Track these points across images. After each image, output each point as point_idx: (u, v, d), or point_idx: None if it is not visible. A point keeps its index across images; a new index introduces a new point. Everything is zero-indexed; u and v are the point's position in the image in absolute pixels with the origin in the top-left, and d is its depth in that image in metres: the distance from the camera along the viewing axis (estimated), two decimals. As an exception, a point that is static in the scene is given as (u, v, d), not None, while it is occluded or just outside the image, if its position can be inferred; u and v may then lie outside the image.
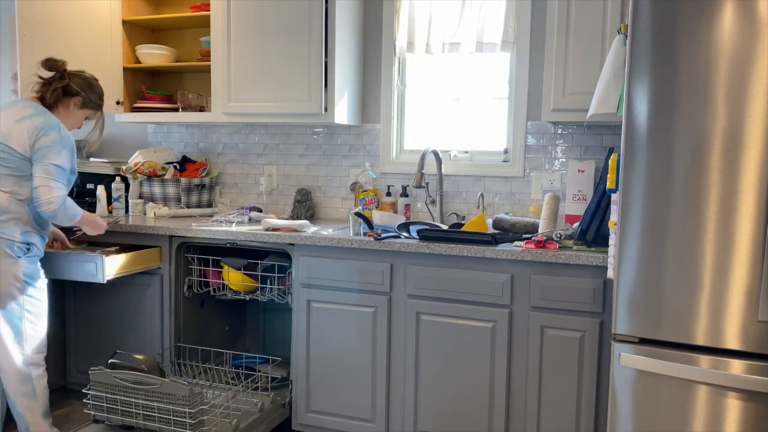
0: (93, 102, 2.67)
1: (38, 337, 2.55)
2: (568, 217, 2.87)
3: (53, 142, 2.46)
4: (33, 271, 2.52)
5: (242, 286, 2.99)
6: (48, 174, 2.44)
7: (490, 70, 3.17)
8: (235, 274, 2.96)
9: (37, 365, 2.56)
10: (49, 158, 2.44)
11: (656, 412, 1.94)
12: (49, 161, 2.44)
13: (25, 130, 2.45)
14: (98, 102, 2.70)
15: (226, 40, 3.11)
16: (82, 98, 2.62)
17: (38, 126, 2.45)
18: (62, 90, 2.59)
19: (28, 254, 2.49)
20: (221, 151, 3.64)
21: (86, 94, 2.63)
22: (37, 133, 2.44)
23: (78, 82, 2.61)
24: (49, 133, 2.46)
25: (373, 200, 3.21)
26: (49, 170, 2.44)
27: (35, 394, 2.54)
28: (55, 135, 2.47)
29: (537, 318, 2.42)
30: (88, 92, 2.63)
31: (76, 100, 2.62)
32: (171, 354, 3.03)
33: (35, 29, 2.93)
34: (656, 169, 1.88)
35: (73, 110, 2.63)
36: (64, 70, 2.61)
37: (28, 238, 2.49)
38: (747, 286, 1.81)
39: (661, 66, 1.85)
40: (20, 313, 2.48)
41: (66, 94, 2.60)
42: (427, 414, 2.61)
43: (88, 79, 2.66)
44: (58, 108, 2.60)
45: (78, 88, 2.60)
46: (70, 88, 2.59)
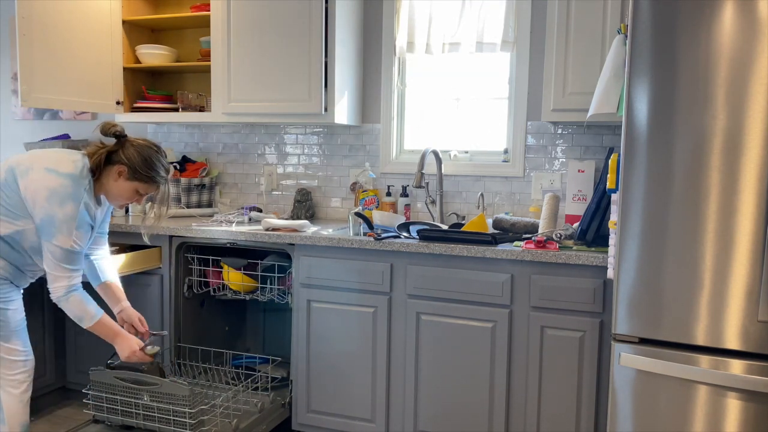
0: (143, 175, 2.28)
1: (10, 358, 2.27)
2: (568, 217, 2.87)
3: (67, 219, 2.15)
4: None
5: (242, 286, 2.99)
6: (56, 258, 2.18)
7: (490, 70, 3.17)
8: (235, 274, 2.96)
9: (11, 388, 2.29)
10: (59, 239, 2.15)
11: (656, 412, 1.94)
12: (58, 243, 2.16)
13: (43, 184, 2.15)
14: (149, 174, 2.29)
15: (226, 40, 3.11)
16: (127, 169, 2.26)
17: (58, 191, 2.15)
18: (106, 157, 2.26)
19: None
20: (221, 151, 3.64)
21: (134, 165, 2.26)
22: (52, 198, 2.15)
23: (130, 151, 2.27)
24: (65, 205, 2.15)
25: (373, 200, 3.21)
26: (57, 254, 2.17)
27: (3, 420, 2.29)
28: (71, 209, 2.16)
29: (537, 318, 2.42)
30: (137, 164, 2.26)
31: (120, 169, 2.27)
32: (171, 354, 3.03)
33: (35, 29, 2.93)
34: (656, 169, 1.88)
35: (120, 181, 2.28)
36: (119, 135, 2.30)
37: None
38: (747, 286, 1.81)
39: (661, 66, 1.85)
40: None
41: (109, 162, 2.27)
42: (427, 414, 2.61)
43: (144, 148, 2.30)
44: (101, 176, 2.28)
45: (125, 157, 2.26)
46: (116, 155, 2.27)
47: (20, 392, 2.33)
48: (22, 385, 2.33)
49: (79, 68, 3.13)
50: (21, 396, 2.33)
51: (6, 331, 2.28)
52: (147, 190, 2.34)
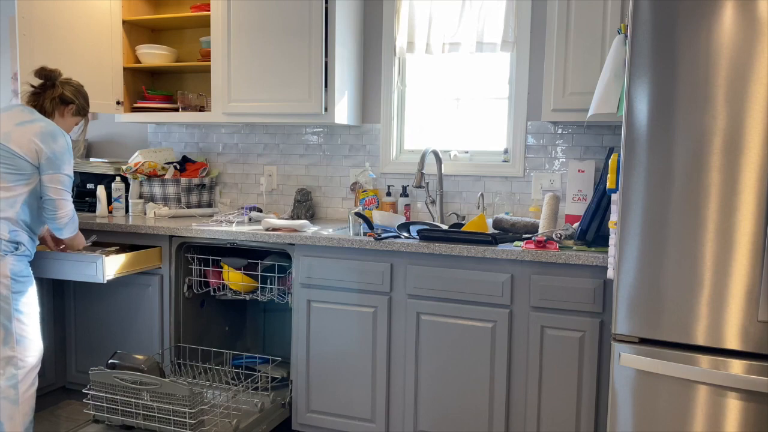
0: (84, 109, 2.72)
1: (29, 338, 2.46)
2: (568, 217, 2.87)
3: (63, 150, 2.48)
4: (21, 270, 2.46)
5: (242, 286, 2.98)
6: (62, 185, 2.48)
7: (490, 70, 3.17)
8: (236, 274, 2.95)
9: (25, 369, 2.45)
10: (61, 167, 2.48)
11: (656, 412, 1.94)
12: (61, 171, 2.47)
13: (29, 134, 2.44)
14: (87, 108, 2.75)
15: (226, 40, 3.11)
16: (76, 106, 2.66)
17: (45, 131, 2.46)
18: (59, 98, 2.62)
19: (16, 252, 2.44)
20: (221, 151, 3.64)
21: (78, 101, 2.67)
22: (45, 138, 2.45)
23: (71, 90, 2.65)
24: (57, 140, 2.47)
25: (373, 200, 3.21)
26: (63, 181, 2.48)
27: (17, 400, 2.42)
28: (63, 142, 2.49)
29: (537, 318, 2.42)
30: (80, 99, 2.68)
31: (70, 107, 2.65)
32: (171, 354, 3.03)
33: (35, 29, 2.93)
34: (656, 169, 1.88)
35: (68, 117, 2.67)
36: (57, 79, 2.63)
37: (16, 237, 2.45)
38: (747, 286, 1.81)
39: (661, 66, 1.85)
40: (9, 312, 2.41)
41: (62, 102, 2.63)
42: (427, 414, 2.61)
43: (78, 86, 2.70)
44: (54, 115, 2.62)
45: (72, 96, 2.64)
46: (65, 96, 2.63)
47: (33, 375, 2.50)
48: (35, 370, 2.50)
49: (79, 68, 3.13)
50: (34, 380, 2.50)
51: (31, 309, 2.51)
52: (81, 121, 2.76)
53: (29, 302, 2.49)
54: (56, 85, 2.62)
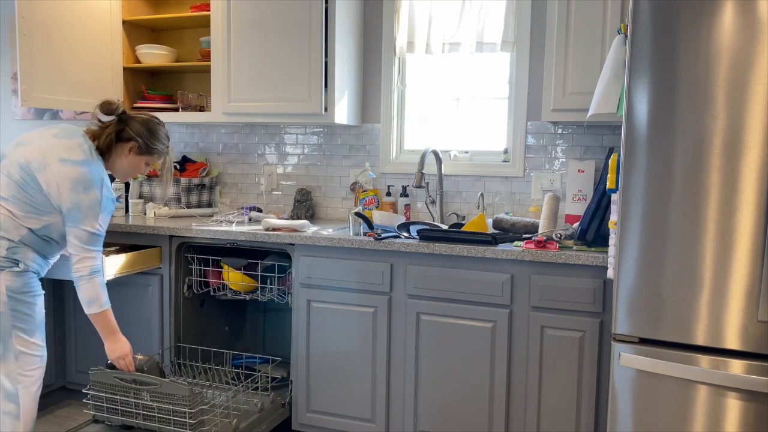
0: (150, 148, 2.43)
1: (30, 353, 2.32)
2: (568, 217, 2.87)
3: (93, 204, 2.27)
4: (20, 286, 2.27)
5: (242, 286, 2.98)
6: (82, 241, 2.29)
7: (490, 70, 3.17)
8: (235, 274, 2.95)
9: (25, 384, 2.32)
10: (86, 224, 2.27)
11: (656, 412, 1.94)
12: (84, 227, 2.27)
13: (64, 176, 2.24)
14: (158, 147, 2.46)
15: (226, 40, 3.11)
16: (138, 144, 2.40)
17: (81, 179, 2.25)
18: (116, 135, 2.38)
19: (14, 269, 2.26)
20: (221, 151, 3.64)
21: (143, 139, 2.41)
22: (76, 186, 2.24)
23: (136, 126, 2.40)
24: (89, 191, 2.26)
25: (373, 200, 3.21)
26: (83, 238, 2.28)
27: (18, 414, 2.31)
28: (95, 195, 2.27)
29: (537, 318, 2.42)
30: (146, 137, 2.41)
31: (131, 145, 2.40)
32: (171, 354, 3.03)
33: (35, 29, 2.93)
34: (656, 169, 1.88)
35: (130, 157, 2.42)
36: (121, 113, 2.41)
37: (15, 255, 2.26)
38: (747, 286, 1.81)
39: (661, 66, 1.85)
40: (8, 328, 2.26)
41: (118, 140, 2.39)
42: (427, 414, 2.61)
43: (147, 121, 2.44)
44: (111, 154, 2.40)
45: (134, 133, 2.39)
46: (125, 133, 2.38)
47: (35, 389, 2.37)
48: (37, 382, 2.38)
49: (79, 68, 3.13)
50: (35, 393, 2.37)
51: (32, 326, 2.33)
52: (154, 161, 2.50)
53: (31, 319, 2.31)
54: (121, 119, 2.39)
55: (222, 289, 3.07)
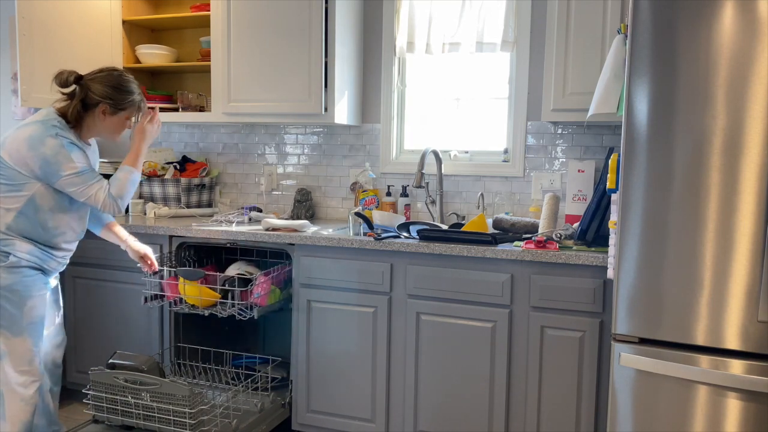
0: (123, 103, 2.34)
1: (16, 354, 2.26)
2: (568, 217, 2.87)
3: (56, 151, 2.20)
4: (12, 283, 2.23)
5: (200, 300, 2.72)
6: (75, 185, 2.24)
7: (490, 70, 3.17)
8: (192, 288, 2.68)
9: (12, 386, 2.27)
10: (64, 170, 2.21)
11: (656, 412, 1.94)
12: (66, 174, 2.21)
13: (19, 140, 2.21)
14: (128, 100, 2.35)
15: (226, 40, 3.11)
16: (107, 104, 2.32)
17: (34, 136, 2.20)
18: (81, 104, 2.30)
19: (5, 263, 2.22)
20: (221, 151, 3.64)
21: (110, 99, 2.31)
22: (33, 144, 2.19)
23: (98, 89, 2.30)
24: (45, 141, 2.19)
25: (373, 200, 3.21)
26: (74, 182, 2.24)
27: (4, 416, 2.27)
28: (53, 142, 2.20)
29: (537, 318, 2.42)
30: (111, 96, 2.31)
31: (102, 108, 2.32)
32: (171, 354, 3.03)
33: (35, 29, 2.93)
34: (656, 169, 1.88)
35: (106, 119, 2.35)
36: (77, 80, 2.32)
37: (5, 247, 2.22)
38: (747, 286, 1.81)
39: (661, 66, 1.85)
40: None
41: (88, 107, 2.31)
42: (427, 414, 2.61)
43: (107, 78, 2.33)
44: (86, 122, 2.34)
45: (99, 95, 2.30)
46: (89, 98, 2.30)
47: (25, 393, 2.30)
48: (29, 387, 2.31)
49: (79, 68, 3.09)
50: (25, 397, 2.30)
51: (18, 326, 2.26)
52: (133, 114, 2.42)
53: (16, 318, 2.25)
54: (82, 86, 2.30)
55: (180, 303, 2.80)
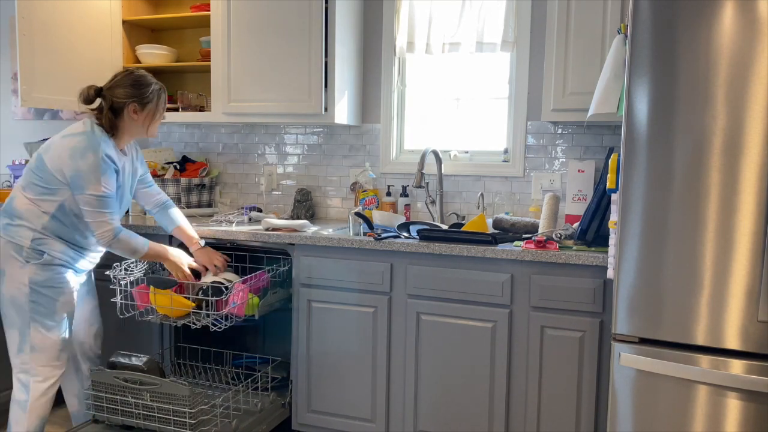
0: (147, 97, 2.45)
1: (45, 348, 2.38)
2: (568, 217, 2.87)
3: (92, 168, 2.30)
4: (46, 279, 2.36)
5: (171, 310, 2.60)
6: (89, 206, 2.33)
7: (490, 70, 3.17)
8: (163, 297, 2.57)
9: (38, 378, 2.39)
10: (90, 188, 2.31)
11: (656, 412, 1.94)
12: (90, 192, 2.31)
13: (63, 148, 2.32)
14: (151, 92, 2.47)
15: (226, 40, 3.11)
16: (134, 103, 2.42)
17: (77, 147, 2.31)
18: (111, 111, 2.41)
19: (40, 261, 2.35)
20: (221, 151, 3.64)
21: (135, 98, 2.42)
22: (74, 155, 2.30)
23: (120, 92, 2.41)
24: (85, 157, 2.30)
25: (373, 200, 3.21)
26: (89, 201, 2.32)
27: (26, 407, 2.38)
28: (92, 158, 2.30)
29: (537, 318, 2.42)
30: (135, 95, 2.42)
31: (131, 108, 2.43)
32: (171, 354, 3.03)
33: (35, 29, 2.93)
34: (656, 169, 1.88)
35: (139, 116, 2.45)
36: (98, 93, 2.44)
37: (40, 245, 2.35)
38: (747, 286, 1.81)
39: (661, 66, 1.85)
40: (26, 319, 2.35)
41: (118, 112, 2.42)
42: (427, 414, 2.61)
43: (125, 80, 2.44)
44: (122, 126, 2.44)
45: (124, 97, 2.41)
46: (116, 104, 2.41)
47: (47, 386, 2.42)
48: (49, 379, 2.42)
49: (79, 68, 3.13)
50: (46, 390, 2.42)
51: (50, 321, 2.39)
52: (160, 104, 2.53)
53: (50, 313, 2.38)
54: (105, 96, 2.42)
55: (150, 313, 2.67)
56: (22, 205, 2.37)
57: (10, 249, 2.35)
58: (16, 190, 2.41)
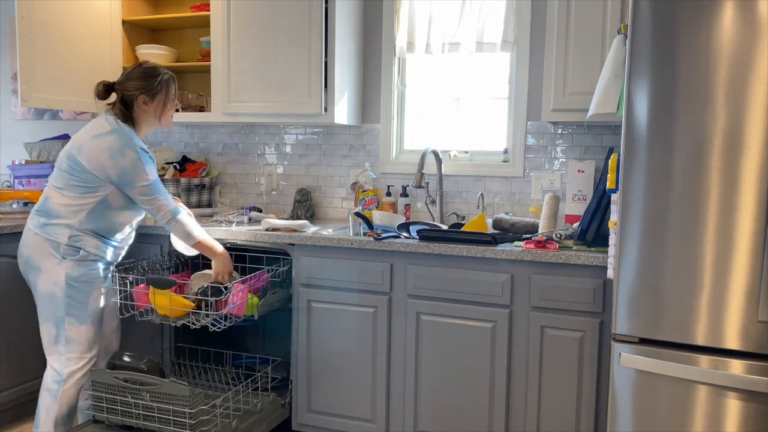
0: (156, 87, 2.51)
1: (79, 341, 2.48)
2: (568, 217, 2.87)
3: (134, 163, 2.41)
4: (81, 274, 2.46)
5: (171, 310, 2.59)
6: (145, 196, 2.46)
7: (490, 70, 3.17)
8: (163, 297, 2.57)
9: (70, 369, 2.48)
10: (139, 181, 2.42)
11: (656, 412, 1.94)
12: (140, 185, 2.43)
13: (99, 149, 2.39)
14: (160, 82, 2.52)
15: (226, 40, 3.11)
16: (144, 95, 2.49)
17: (114, 147, 2.39)
18: (123, 104, 2.50)
19: (76, 257, 2.44)
20: (221, 151, 3.64)
21: (145, 90, 2.49)
22: (114, 154, 2.39)
23: (131, 85, 2.49)
24: (125, 154, 2.40)
25: (373, 200, 3.21)
26: (144, 192, 2.45)
27: (57, 397, 2.48)
28: (131, 155, 2.41)
29: (537, 318, 2.42)
30: (144, 87, 2.49)
31: (141, 100, 2.50)
32: (171, 354, 3.03)
33: (35, 29, 2.93)
34: (656, 169, 1.88)
35: (150, 107, 2.52)
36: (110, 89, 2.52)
37: (77, 242, 2.44)
38: (747, 286, 1.81)
39: (661, 66, 1.85)
40: (61, 314, 2.45)
41: (130, 105, 2.50)
42: (427, 414, 2.61)
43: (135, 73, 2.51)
44: (136, 118, 2.52)
45: (134, 90, 2.48)
46: (127, 97, 2.49)
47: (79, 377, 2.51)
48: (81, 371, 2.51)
49: (79, 68, 3.13)
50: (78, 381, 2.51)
51: (84, 314, 2.49)
52: (170, 93, 2.58)
53: (84, 306, 2.48)
54: (116, 90, 2.51)
55: (150, 313, 2.65)
56: (59, 204, 2.44)
57: (48, 246, 2.44)
58: (51, 191, 2.48)
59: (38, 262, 2.46)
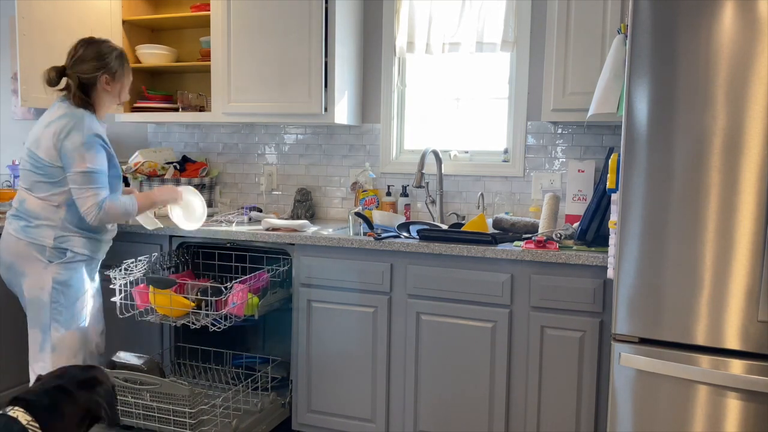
0: (111, 64, 2.42)
1: (65, 346, 2.41)
2: (568, 217, 2.87)
3: (76, 146, 2.29)
4: (67, 279, 2.39)
5: (171, 310, 2.60)
6: (77, 184, 2.32)
7: (490, 70, 3.17)
8: (163, 297, 2.58)
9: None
10: (75, 165, 2.30)
11: (656, 412, 1.94)
12: (75, 169, 2.30)
13: (49, 136, 2.32)
14: (113, 57, 2.44)
15: (226, 40, 3.11)
16: (106, 74, 2.41)
17: (60, 129, 2.30)
18: (80, 89, 2.39)
19: (63, 259, 2.38)
20: (221, 151, 3.64)
21: (102, 68, 2.40)
22: (59, 137, 2.30)
23: (84, 67, 2.38)
24: (70, 135, 2.29)
25: (373, 200, 3.21)
26: (77, 180, 2.31)
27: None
28: (76, 137, 2.30)
29: (537, 318, 2.42)
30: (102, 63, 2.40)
31: (103, 79, 2.41)
32: (171, 354, 3.03)
33: (35, 29, 2.93)
34: (656, 169, 1.88)
35: (114, 89, 2.45)
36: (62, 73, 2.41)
37: (63, 243, 2.37)
38: (747, 286, 1.81)
39: (661, 66, 1.85)
40: (48, 319, 2.38)
41: (87, 87, 2.40)
42: (427, 414, 2.61)
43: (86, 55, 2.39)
44: (95, 103, 2.43)
45: (89, 71, 2.38)
46: (85, 80, 2.38)
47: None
48: None
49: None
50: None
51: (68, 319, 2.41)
52: (126, 68, 2.50)
53: (68, 312, 2.40)
54: (69, 75, 2.39)
55: (150, 312, 2.66)
56: (35, 205, 2.37)
57: (32, 251, 2.36)
58: (23, 193, 2.40)
59: (23, 267, 2.38)
